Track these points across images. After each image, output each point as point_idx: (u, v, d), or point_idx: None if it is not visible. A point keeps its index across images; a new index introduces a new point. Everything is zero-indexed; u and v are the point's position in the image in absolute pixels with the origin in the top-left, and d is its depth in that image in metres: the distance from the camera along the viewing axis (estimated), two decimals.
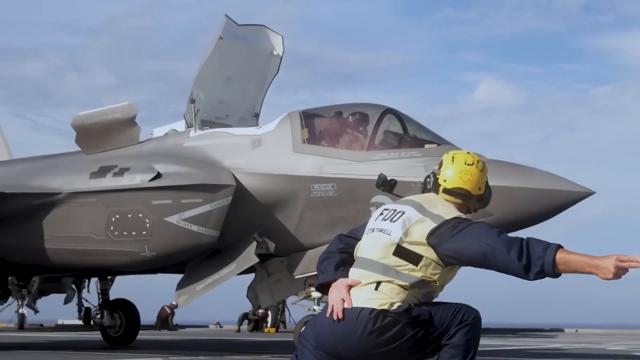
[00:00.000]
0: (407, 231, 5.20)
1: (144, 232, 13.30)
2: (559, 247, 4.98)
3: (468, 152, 5.63)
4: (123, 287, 19.09)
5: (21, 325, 33.97)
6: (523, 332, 34.93)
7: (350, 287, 5.23)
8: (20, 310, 33.72)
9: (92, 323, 33.08)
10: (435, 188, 5.53)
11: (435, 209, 5.30)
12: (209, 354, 15.31)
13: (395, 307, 5.09)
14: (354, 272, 5.31)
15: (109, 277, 17.94)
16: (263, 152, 13.12)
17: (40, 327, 36.27)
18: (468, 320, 5.18)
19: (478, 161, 5.53)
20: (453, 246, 5.13)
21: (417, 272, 5.16)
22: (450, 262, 5.19)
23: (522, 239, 5.07)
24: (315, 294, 12.83)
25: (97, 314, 17.90)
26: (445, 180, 5.49)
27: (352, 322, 5.09)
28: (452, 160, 5.53)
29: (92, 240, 13.71)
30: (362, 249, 5.35)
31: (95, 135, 14.35)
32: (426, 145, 12.44)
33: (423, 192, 5.64)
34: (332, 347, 5.17)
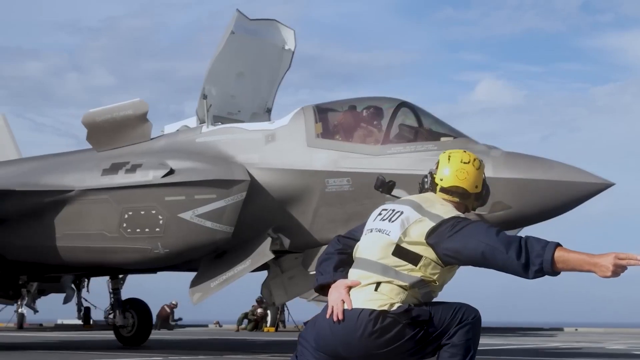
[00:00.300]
0: (405, 231, 5.21)
1: (157, 229, 13.23)
2: (558, 245, 5.00)
3: (465, 151, 5.64)
4: (128, 286, 18.92)
5: (20, 325, 33.99)
6: (523, 331, 34.97)
7: (349, 288, 5.23)
8: (19, 310, 33.73)
9: (91, 322, 33.07)
10: (433, 187, 5.55)
11: (433, 209, 5.31)
12: (208, 353, 15.31)
13: (395, 307, 5.10)
14: (354, 273, 5.31)
15: (120, 276, 17.76)
16: (277, 147, 13.06)
17: (40, 327, 36.29)
18: (468, 319, 5.19)
19: (475, 159, 5.55)
20: (452, 245, 5.14)
21: (416, 272, 5.17)
22: (449, 261, 5.20)
23: (520, 237, 5.09)
24: None
25: (110, 314, 17.74)
26: (441, 179, 5.50)
27: (352, 323, 5.10)
28: (449, 159, 5.55)
29: (104, 238, 13.64)
30: (361, 250, 5.35)
31: (106, 132, 14.30)
32: (442, 139, 12.39)
33: (421, 192, 5.64)
34: (332, 348, 5.18)
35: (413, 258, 5.19)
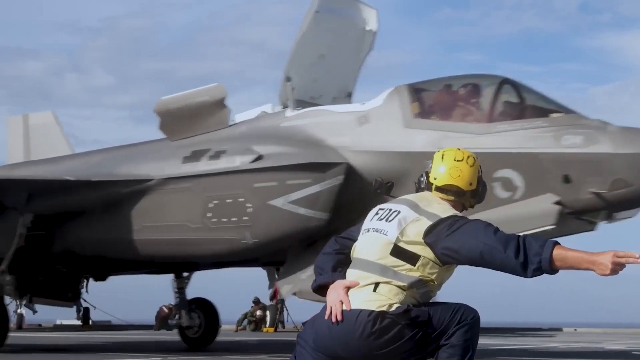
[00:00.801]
0: (403, 230, 5.22)
1: (245, 218, 12.77)
2: (556, 243, 5.01)
3: (458, 149, 5.64)
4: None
5: (19, 325, 33.90)
6: (521, 331, 34.95)
7: (348, 288, 5.23)
8: (18, 311, 33.64)
9: (90, 323, 32.98)
10: (428, 187, 5.53)
11: (430, 208, 5.32)
12: (208, 354, 15.26)
13: (394, 308, 5.13)
14: (352, 273, 5.33)
15: (185, 275, 17.14)
16: (371, 128, 12.68)
17: (39, 327, 36.25)
18: (467, 320, 5.19)
19: (468, 157, 5.58)
20: (450, 245, 5.15)
21: (414, 272, 5.17)
22: (447, 260, 5.21)
23: (518, 236, 5.11)
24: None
25: (175, 315, 17.15)
26: (435, 178, 5.54)
27: (351, 324, 5.13)
28: (442, 157, 5.61)
29: (186, 229, 13.20)
30: (359, 250, 5.36)
31: (181, 120, 13.88)
32: (551, 115, 12.07)
33: (417, 191, 5.64)
34: (330, 348, 5.20)
35: (411, 258, 5.19)
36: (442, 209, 5.41)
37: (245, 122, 13.87)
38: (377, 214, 5.50)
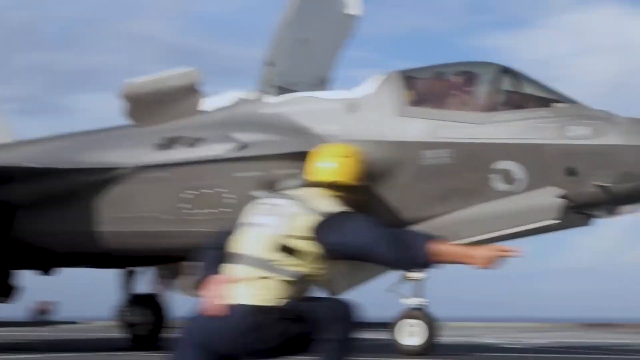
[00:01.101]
0: (289, 225, 5.27)
1: (225, 209, 12.29)
2: (435, 238, 5.11)
3: (342, 145, 5.72)
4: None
5: None
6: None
7: (229, 283, 5.21)
8: None
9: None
10: (316, 183, 5.59)
11: (318, 203, 5.37)
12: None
13: (274, 303, 5.16)
14: (234, 268, 5.34)
15: (134, 270, 16.24)
16: (361, 116, 12.29)
17: None
18: (345, 314, 5.26)
19: (355, 153, 5.65)
20: (336, 240, 5.21)
21: (299, 267, 5.23)
22: (332, 256, 5.26)
23: (398, 231, 5.20)
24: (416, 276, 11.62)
25: (122, 311, 16.52)
26: (323, 174, 5.59)
27: (232, 319, 5.17)
28: (326, 153, 5.71)
29: (159, 221, 12.73)
30: (242, 245, 5.38)
31: (150, 106, 13.27)
32: (554, 105, 11.82)
33: (302, 187, 5.67)
34: (211, 344, 5.24)
35: (297, 253, 5.25)
36: (330, 204, 5.43)
37: (221, 109, 13.29)
38: (260, 207, 5.49)
